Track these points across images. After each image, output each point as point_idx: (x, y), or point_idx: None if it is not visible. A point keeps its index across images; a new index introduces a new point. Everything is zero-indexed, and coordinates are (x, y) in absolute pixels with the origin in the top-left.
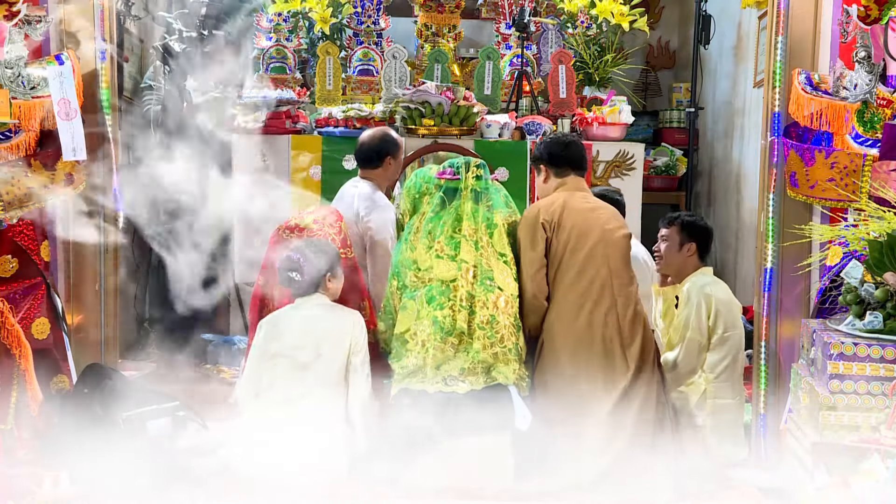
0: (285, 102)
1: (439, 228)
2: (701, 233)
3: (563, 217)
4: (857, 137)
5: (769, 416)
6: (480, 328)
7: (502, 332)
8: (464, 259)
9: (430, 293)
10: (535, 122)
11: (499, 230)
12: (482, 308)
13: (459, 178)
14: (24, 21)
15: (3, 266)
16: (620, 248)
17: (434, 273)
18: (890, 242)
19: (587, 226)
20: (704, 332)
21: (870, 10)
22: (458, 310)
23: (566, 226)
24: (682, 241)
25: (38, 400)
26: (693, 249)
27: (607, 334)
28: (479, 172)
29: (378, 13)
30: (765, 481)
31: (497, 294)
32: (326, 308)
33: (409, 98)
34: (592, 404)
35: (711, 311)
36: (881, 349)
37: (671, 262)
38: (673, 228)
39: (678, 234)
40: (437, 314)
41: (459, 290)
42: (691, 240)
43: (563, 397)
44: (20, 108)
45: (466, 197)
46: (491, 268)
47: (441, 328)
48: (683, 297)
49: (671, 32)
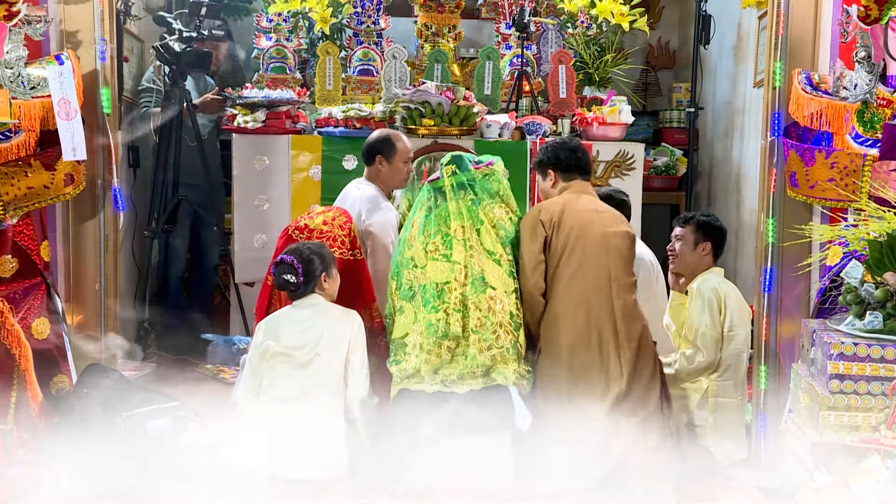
0: (285, 102)
1: (433, 227)
2: (716, 233)
3: (563, 217)
4: (857, 137)
5: (769, 416)
6: (475, 332)
7: (498, 332)
8: (456, 260)
9: (424, 296)
10: (535, 122)
11: (485, 227)
12: (475, 310)
13: (440, 178)
14: (24, 21)
15: (3, 266)
16: (621, 251)
17: (428, 275)
18: (890, 242)
19: (587, 227)
20: (718, 326)
21: (870, 10)
22: (451, 313)
23: (566, 226)
24: (696, 240)
25: (38, 400)
26: (708, 249)
27: (604, 336)
28: (452, 168)
29: (378, 13)
30: (765, 481)
31: (490, 294)
32: (324, 308)
33: (409, 98)
34: (588, 407)
35: (723, 307)
36: (881, 349)
37: (686, 261)
38: (688, 228)
39: (693, 233)
40: (430, 318)
41: (453, 293)
42: (706, 239)
43: (559, 399)
44: (20, 108)
45: (450, 196)
46: (482, 267)
47: (435, 332)
48: (693, 293)
49: (671, 32)
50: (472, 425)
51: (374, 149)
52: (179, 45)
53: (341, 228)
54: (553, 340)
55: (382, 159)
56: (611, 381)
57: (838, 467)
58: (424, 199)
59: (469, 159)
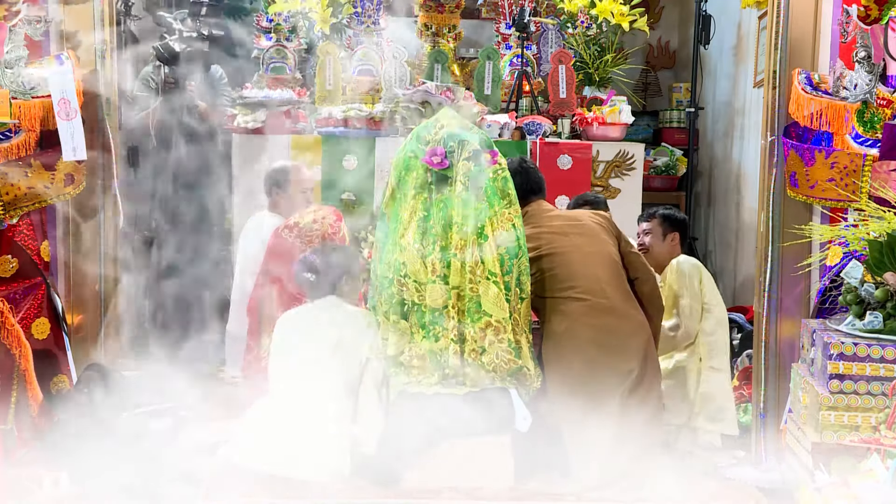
0: (285, 102)
1: (430, 238)
2: (681, 223)
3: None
4: (857, 137)
5: (769, 416)
6: (470, 365)
7: (495, 363)
8: (453, 285)
9: (422, 320)
10: (535, 122)
11: (488, 244)
12: (472, 341)
13: (449, 166)
14: (24, 21)
15: (3, 266)
16: (601, 253)
17: (427, 299)
18: (890, 242)
19: (557, 246)
20: (698, 297)
21: (870, 10)
22: (449, 343)
23: (542, 250)
24: (664, 231)
25: (38, 400)
26: (677, 239)
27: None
28: (469, 167)
29: (378, 13)
30: (765, 481)
31: (485, 322)
32: (341, 309)
33: (409, 98)
34: (594, 413)
35: (702, 280)
36: (881, 349)
37: (657, 251)
38: (654, 221)
39: (661, 225)
40: (433, 346)
41: (451, 321)
42: (674, 230)
43: (565, 405)
44: (20, 108)
45: (459, 191)
46: (476, 293)
47: (437, 359)
48: (672, 269)
49: (671, 32)
50: (471, 426)
51: (271, 181)
52: (179, 45)
53: (331, 227)
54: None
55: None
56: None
57: (838, 467)
58: (420, 184)
59: (481, 151)
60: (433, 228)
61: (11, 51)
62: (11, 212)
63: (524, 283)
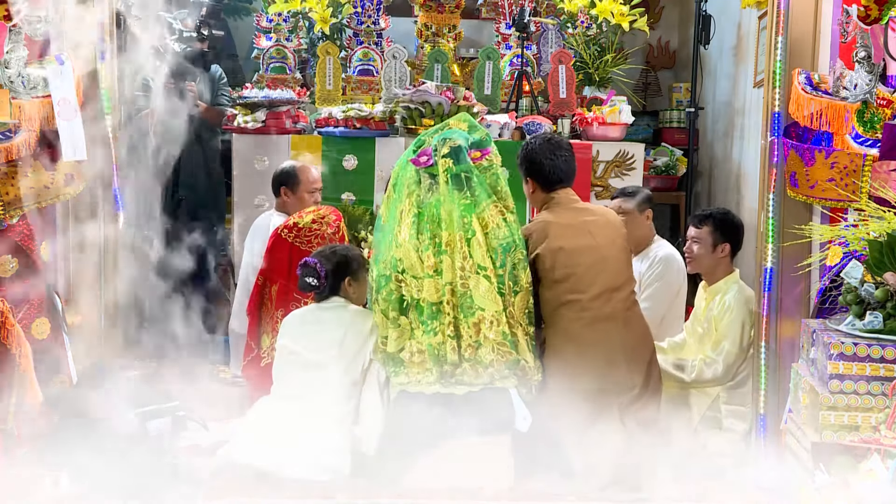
0: (285, 102)
1: (427, 234)
2: (735, 232)
3: (549, 242)
4: (857, 137)
5: (769, 416)
6: (467, 360)
7: (491, 357)
8: (446, 280)
9: (420, 316)
10: (535, 122)
11: (476, 239)
12: (467, 337)
13: (433, 164)
14: (24, 21)
15: (3, 266)
16: (616, 259)
17: (423, 294)
18: (890, 242)
19: (578, 244)
20: (744, 348)
21: (870, 10)
22: (446, 339)
23: (554, 248)
24: (715, 241)
25: (38, 400)
26: (727, 251)
27: (614, 346)
28: (449, 163)
29: (378, 13)
30: (765, 481)
31: (479, 317)
32: (346, 310)
33: (409, 98)
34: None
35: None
36: (881, 349)
37: (703, 263)
38: (705, 228)
39: (711, 234)
40: (431, 341)
41: (447, 317)
42: (725, 240)
43: (566, 409)
44: (20, 108)
45: (444, 193)
46: (470, 286)
47: (436, 355)
48: (726, 306)
49: (671, 32)
50: (471, 426)
51: (279, 180)
52: (179, 45)
53: (330, 227)
54: (558, 356)
55: (287, 191)
56: (621, 389)
57: (838, 467)
58: (412, 183)
59: (466, 148)
60: (427, 225)
61: (11, 51)
62: (11, 212)
63: (519, 276)
